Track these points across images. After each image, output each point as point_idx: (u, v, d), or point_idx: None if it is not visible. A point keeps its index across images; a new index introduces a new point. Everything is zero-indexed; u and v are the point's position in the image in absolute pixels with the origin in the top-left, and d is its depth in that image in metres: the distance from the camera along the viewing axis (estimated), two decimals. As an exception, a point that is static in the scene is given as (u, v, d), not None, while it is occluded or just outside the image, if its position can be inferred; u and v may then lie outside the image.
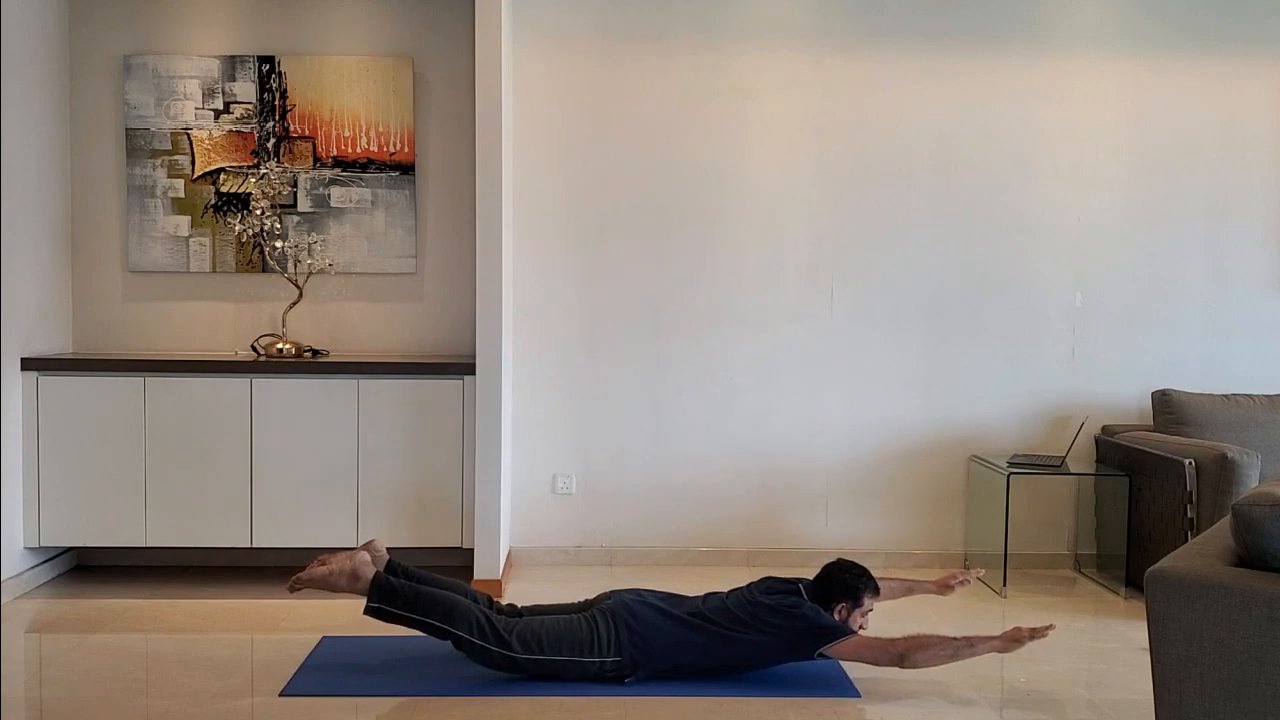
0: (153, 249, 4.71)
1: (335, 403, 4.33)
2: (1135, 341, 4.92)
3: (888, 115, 4.83)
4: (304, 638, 3.71)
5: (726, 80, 4.80)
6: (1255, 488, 2.57)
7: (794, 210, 4.84)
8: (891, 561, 4.80)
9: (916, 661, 3.22)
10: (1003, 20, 4.83)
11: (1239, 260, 4.94)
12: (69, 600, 4.21)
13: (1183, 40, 4.85)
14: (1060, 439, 4.89)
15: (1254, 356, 4.95)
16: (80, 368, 4.31)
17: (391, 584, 3.30)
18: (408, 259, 4.76)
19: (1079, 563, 4.92)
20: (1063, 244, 4.89)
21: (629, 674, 3.27)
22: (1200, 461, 4.15)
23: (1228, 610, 2.18)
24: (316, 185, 4.73)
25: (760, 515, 4.89)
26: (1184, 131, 4.89)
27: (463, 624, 3.25)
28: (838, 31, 4.81)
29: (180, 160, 4.70)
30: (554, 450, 4.86)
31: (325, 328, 4.78)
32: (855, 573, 3.47)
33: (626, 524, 4.87)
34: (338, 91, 4.70)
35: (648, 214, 4.82)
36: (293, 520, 4.33)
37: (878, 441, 4.90)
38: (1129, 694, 3.34)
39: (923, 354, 4.89)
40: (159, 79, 4.68)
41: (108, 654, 3.58)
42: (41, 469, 4.29)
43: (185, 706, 3.12)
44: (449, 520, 4.37)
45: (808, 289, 4.86)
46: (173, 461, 4.31)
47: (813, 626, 3.29)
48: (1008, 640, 3.23)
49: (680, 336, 4.85)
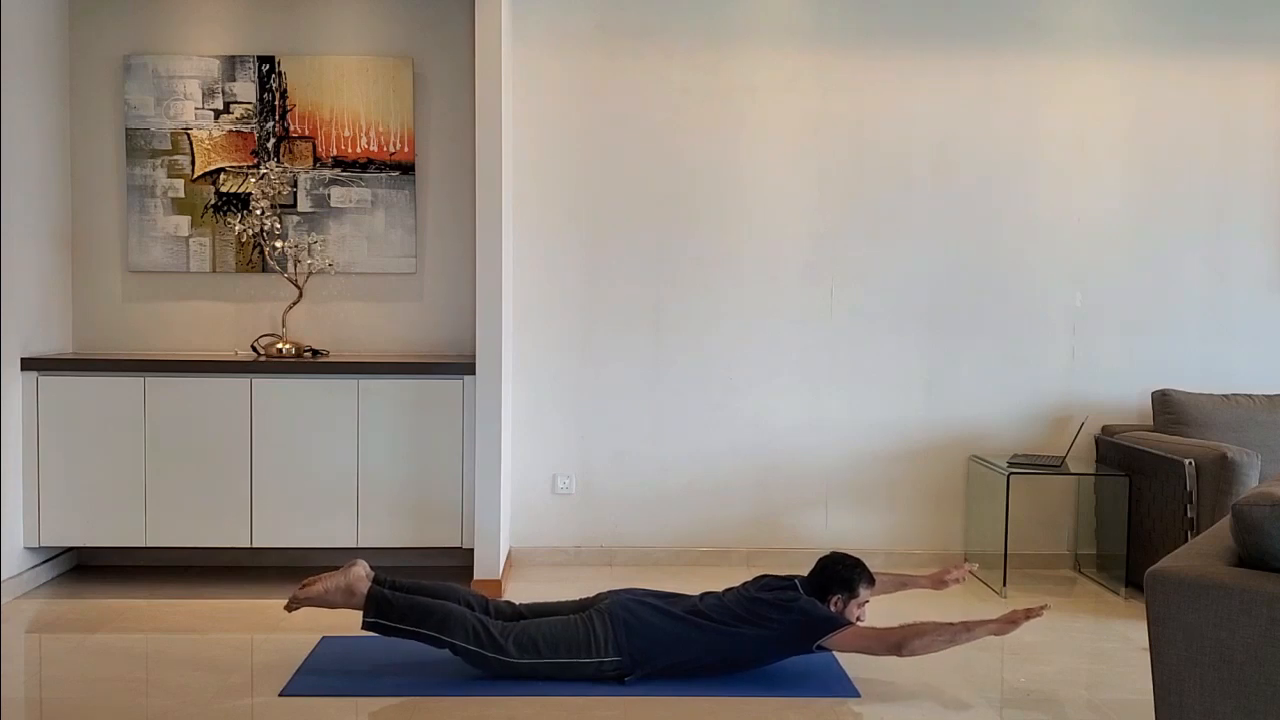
0: (153, 249, 4.71)
1: (335, 403, 4.34)
2: (1135, 341, 4.92)
3: (888, 115, 4.84)
4: (304, 638, 3.71)
5: (726, 80, 4.80)
6: (1255, 488, 2.57)
7: (794, 210, 4.84)
8: (891, 561, 4.80)
9: (914, 649, 3.21)
10: (1003, 20, 4.83)
11: (1239, 260, 4.94)
12: (69, 600, 4.21)
13: (1183, 40, 4.86)
14: (1060, 439, 4.89)
15: (1254, 356, 4.95)
16: (80, 368, 4.31)
17: (386, 597, 3.31)
18: (407, 259, 4.76)
19: (1079, 563, 4.92)
20: (1063, 244, 4.89)
21: (628, 673, 3.28)
22: (1200, 461, 4.15)
23: (1228, 610, 2.18)
24: (316, 185, 4.73)
25: (760, 515, 4.89)
26: (1184, 131, 4.89)
27: (459, 632, 3.26)
28: (838, 31, 4.81)
29: (180, 160, 4.70)
30: (554, 450, 4.86)
31: (325, 328, 4.78)
32: (849, 564, 3.48)
33: (626, 524, 4.87)
34: (338, 91, 4.70)
35: (647, 213, 4.82)
36: (293, 520, 4.34)
37: (878, 441, 4.90)
38: (1129, 694, 3.35)
39: (923, 354, 4.89)
40: (159, 79, 4.68)
41: (108, 654, 3.58)
42: (41, 469, 4.29)
43: (185, 706, 3.12)
44: (449, 520, 4.37)
45: (808, 289, 4.86)
46: (173, 461, 4.32)
47: (810, 619, 3.30)
48: (1004, 623, 3.23)
49: (680, 336, 4.85)
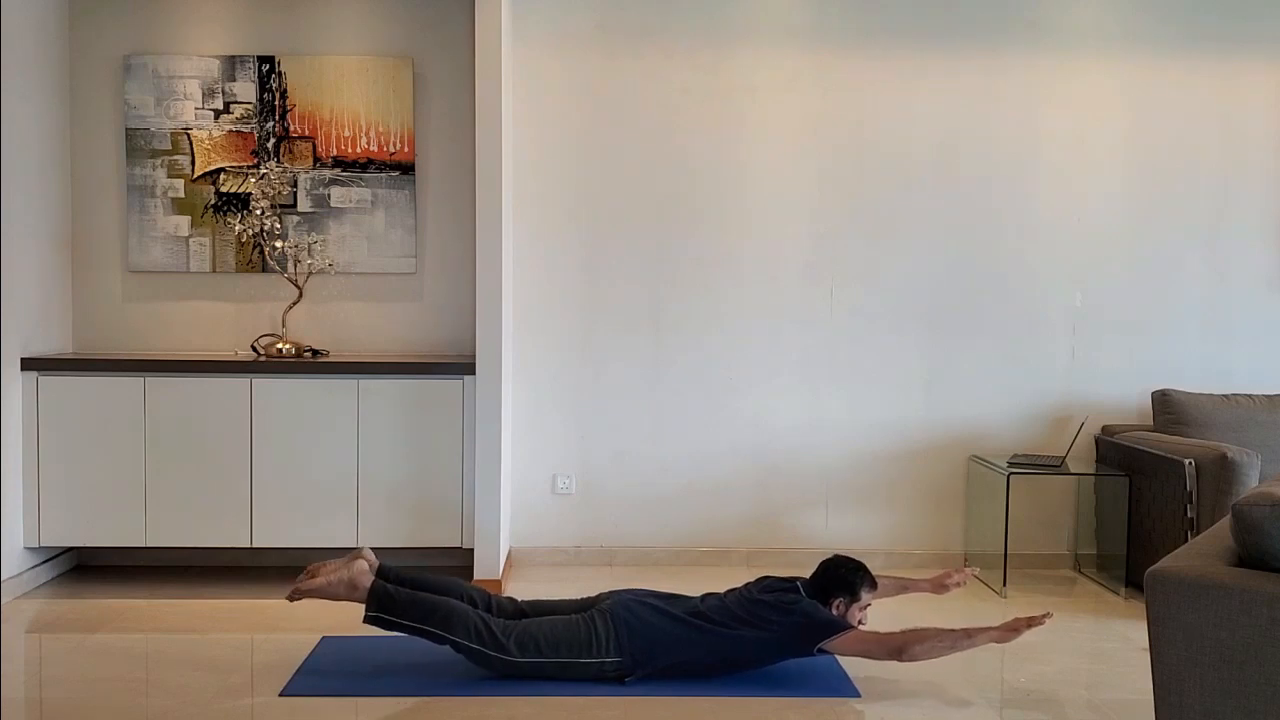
0: (153, 249, 4.71)
1: (335, 403, 4.33)
2: (1135, 341, 4.92)
3: (888, 115, 4.84)
4: (304, 638, 3.71)
5: (726, 80, 4.80)
6: (1255, 488, 2.57)
7: (794, 210, 4.84)
8: (891, 561, 4.80)
9: (915, 654, 3.21)
10: (1003, 20, 4.83)
11: (1239, 260, 4.94)
12: (69, 600, 4.21)
13: (1183, 40, 4.85)
14: (1060, 439, 4.89)
15: (1254, 356, 4.95)
16: (80, 368, 4.31)
17: (389, 591, 3.30)
18: (407, 259, 4.76)
19: (1079, 563, 4.92)
20: (1063, 243, 4.89)
21: (629, 674, 3.28)
22: (1200, 461, 4.15)
23: (1228, 610, 2.18)
24: (316, 185, 4.73)
25: (760, 515, 4.89)
26: (1184, 131, 4.89)
27: (460, 630, 3.25)
28: (838, 31, 4.81)
29: (180, 160, 4.70)
30: (554, 450, 4.86)
31: (325, 328, 4.78)
32: (852, 568, 3.47)
33: (626, 524, 4.87)
34: (338, 91, 4.70)
35: (647, 213, 4.82)
36: (293, 520, 4.34)
37: (878, 441, 4.90)
38: (1129, 694, 3.35)
39: (923, 354, 4.89)
40: (159, 79, 4.68)
41: (108, 654, 3.58)
42: (41, 469, 4.29)
43: (185, 706, 3.12)
44: (449, 520, 4.37)
45: (808, 289, 4.86)
46: (173, 461, 4.32)
47: (811, 622, 3.30)
48: (1006, 631, 3.23)
49: (680, 336, 4.85)
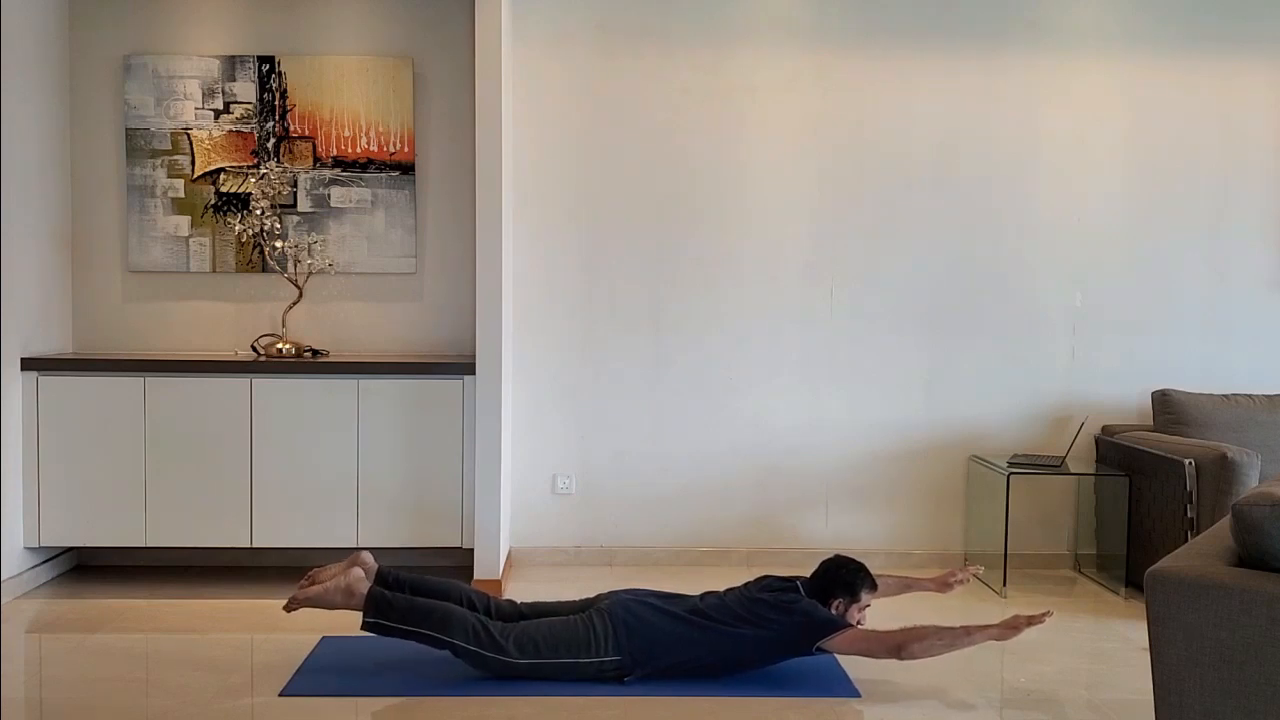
0: (153, 249, 4.71)
1: (335, 403, 4.33)
2: (1135, 341, 4.92)
3: (888, 115, 4.83)
4: (304, 638, 3.71)
5: (726, 80, 4.80)
6: (1255, 488, 2.57)
7: (794, 210, 4.84)
8: (891, 561, 4.80)
9: (914, 652, 3.21)
10: (1002, 20, 4.83)
11: (1239, 260, 4.94)
12: (69, 600, 4.21)
13: (1183, 40, 4.85)
14: (1060, 439, 4.89)
15: (1254, 356, 4.95)
16: (80, 368, 4.31)
17: (386, 598, 3.30)
18: (407, 259, 4.76)
19: (1079, 563, 4.92)
20: (1063, 244, 4.89)
21: (628, 673, 3.28)
22: (1200, 461, 4.15)
23: (1228, 610, 2.18)
24: (316, 185, 4.73)
25: (760, 515, 4.89)
26: (1184, 131, 4.89)
27: (458, 632, 3.25)
28: (838, 31, 4.81)
29: (180, 160, 4.70)
30: (554, 450, 4.86)
31: (325, 328, 4.78)
32: (852, 568, 3.47)
33: (626, 524, 4.87)
34: (338, 91, 4.70)
35: (648, 213, 4.82)
36: (293, 520, 4.34)
37: (878, 441, 4.90)
38: (1129, 694, 3.35)
39: (923, 354, 4.89)
40: (159, 79, 4.68)
41: (108, 654, 3.58)
42: (41, 469, 4.29)
43: (185, 706, 3.12)
44: (449, 520, 4.37)
45: (808, 289, 4.86)
46: (173, 461, 4.31)
47: (811, 621, 3.30)
48: (1006, 629, 3.22)
49: (680, 336, 4.85)
